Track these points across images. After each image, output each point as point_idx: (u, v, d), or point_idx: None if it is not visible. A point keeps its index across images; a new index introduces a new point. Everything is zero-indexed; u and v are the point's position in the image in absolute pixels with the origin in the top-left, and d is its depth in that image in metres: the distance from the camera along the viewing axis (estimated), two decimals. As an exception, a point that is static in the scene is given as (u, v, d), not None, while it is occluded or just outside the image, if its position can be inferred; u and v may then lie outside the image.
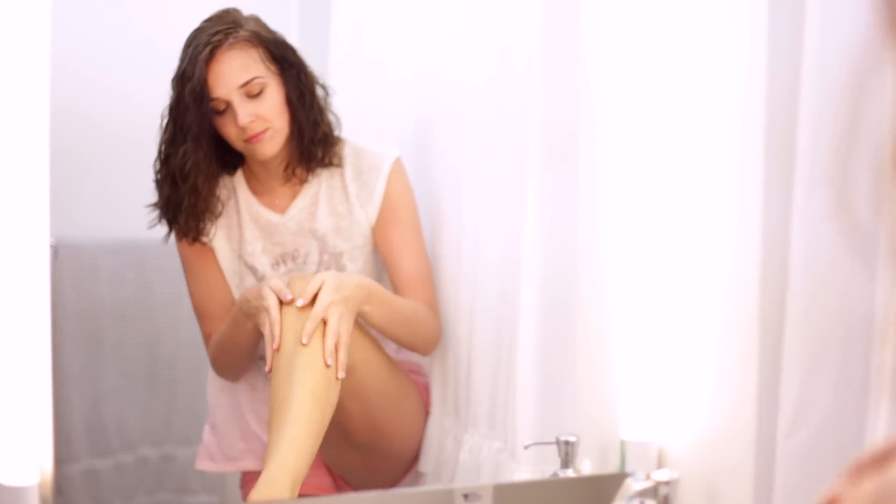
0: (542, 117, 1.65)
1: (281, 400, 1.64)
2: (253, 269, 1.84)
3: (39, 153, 1.34)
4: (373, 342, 1.81)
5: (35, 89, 1.33)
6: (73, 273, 2.01)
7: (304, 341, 1.65)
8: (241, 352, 1.82)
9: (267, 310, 1.68)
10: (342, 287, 1.70)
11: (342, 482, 1.92)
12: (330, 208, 1.85)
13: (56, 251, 1.95)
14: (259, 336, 1.74)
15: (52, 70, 1.33)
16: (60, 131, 1.45)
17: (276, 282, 1.71)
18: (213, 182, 1.80)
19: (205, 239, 1.82)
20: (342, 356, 1.67)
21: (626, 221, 1.63)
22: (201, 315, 1.87)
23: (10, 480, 1.32)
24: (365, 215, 1.85)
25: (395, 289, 1.87)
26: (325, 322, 1.68)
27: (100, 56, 2.07)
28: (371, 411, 1.81)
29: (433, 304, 1.87)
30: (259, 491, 1.57)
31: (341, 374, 1.66)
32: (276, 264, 1.84)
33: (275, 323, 1.67)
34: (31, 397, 1.34)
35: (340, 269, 1.83)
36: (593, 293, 1.65)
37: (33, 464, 1.34)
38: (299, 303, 1.67)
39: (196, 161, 1.75)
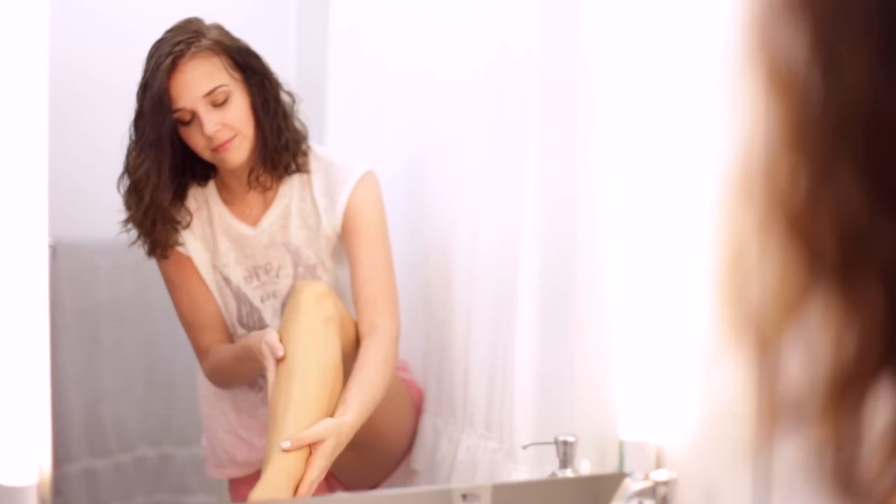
0: (540, 110, 1.65)
1: (282, 398, 1.65)
2: (228, 281, 1.82)
3: (38, 152, 1.34)
4: None
5: (33, 88, 1.34)
6: (72, 273, 2.00)
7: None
8: (242, 377, 1.84)
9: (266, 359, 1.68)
10: (336, 449, 1.65)
11: (334, 480, 1.92)
12: (301, 220, 1.82)
13: (54, 251, 1.94)
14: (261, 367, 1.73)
15: (50, 68, 1.33)
16: (59, 130, 1.45)
17: (271, 337, 1.69)
18: (165, 193, 1.75)
19: (180, 249, 1.80)
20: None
21: (626, 218, 1.63)
22: (192, 328, 1.84)
23: (9, 480, 1.32)
24: (331, 227, 1.82)
25: (355, 299, 1.81)
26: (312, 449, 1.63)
27: (98, 54, 2.06)
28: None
29: (394, 315, 1.80)
30: (259, 491, 1.58)
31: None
32: (249, 277, 1.82)
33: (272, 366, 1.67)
34: (30, 397, 1.35)
35: (316, 280, 1.81)
36: (591, 293, 1.65)
37: (32, 464, 1.34)
38: (286, 444, 1.61)
39: (147, 171, 1.72)
